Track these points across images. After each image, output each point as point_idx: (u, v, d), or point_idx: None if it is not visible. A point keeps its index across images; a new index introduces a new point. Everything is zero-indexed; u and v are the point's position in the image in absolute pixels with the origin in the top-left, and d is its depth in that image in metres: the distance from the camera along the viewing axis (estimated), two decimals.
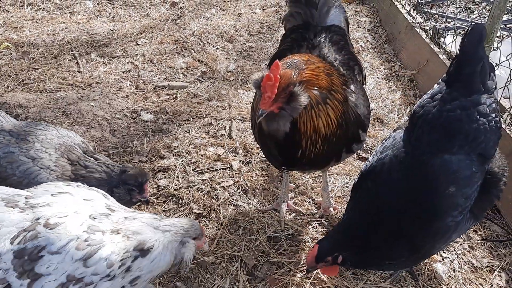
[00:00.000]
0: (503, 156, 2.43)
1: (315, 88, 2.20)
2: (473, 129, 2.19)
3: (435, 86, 2.41)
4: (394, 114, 4.15)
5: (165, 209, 3.04)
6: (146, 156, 3.50)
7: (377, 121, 4.09)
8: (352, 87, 2.47)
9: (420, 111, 2.34)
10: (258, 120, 2.06)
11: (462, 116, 2.20)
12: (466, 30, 2.29)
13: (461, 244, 2.88)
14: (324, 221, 3.03)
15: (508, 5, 3.53)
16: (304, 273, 2.62)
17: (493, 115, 2.25)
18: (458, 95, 2.24)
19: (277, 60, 2.02)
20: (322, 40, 2.61)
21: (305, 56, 2.27)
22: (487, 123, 2.21)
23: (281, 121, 2.14)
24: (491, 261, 2.79)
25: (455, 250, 2.84)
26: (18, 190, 1.98)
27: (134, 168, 2.57)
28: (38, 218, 1.82)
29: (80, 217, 1.88)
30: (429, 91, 2.43)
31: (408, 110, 4.16)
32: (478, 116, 2.20)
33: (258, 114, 2.05)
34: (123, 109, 4.02)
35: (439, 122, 2.22)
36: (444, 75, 2.41)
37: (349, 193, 3.24)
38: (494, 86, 2.32)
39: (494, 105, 2.26)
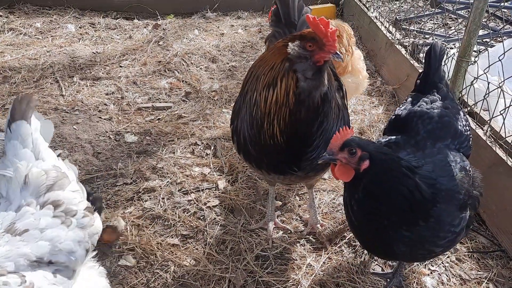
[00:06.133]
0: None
1: None
2: (457, 126, 2.40)
3: (407, 99, 2.63)
4: (377, 128, 4.19)
5: (151, 231, 3.00)
6: (131, 178, 3.46)
7: (359, 134, 4.13)
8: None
9: (404, 113, 2.52)
10: (344, 60, 2.27)
11: (447, 113, 2.42)
12: (429, 47, 2.60)
13: (448, 257, 2.89)
14: (312, 238, 3.02)
15: (483, 20, 3.62)
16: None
17: (464, 118, 2.50)
18: (435, 99, 2.49)
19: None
20: None
21: None
22: (463, 121, 2.45)
23: (326, 75, 2.29)
24: (479, 272, 2.79)
25: (443, 263, 2.85)
26: None
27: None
28: None
29: None
30: (403, 103, 2.65)
31: None
32: (457, 116, 2.43)
33: (340, 58, 2.16)
34: (106, 132, 3.99)
35: (431, 116, 2.40)
36: (412, 90, 2.69)
37: (336, 210, 3.25)
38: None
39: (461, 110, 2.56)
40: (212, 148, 3.87)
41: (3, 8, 6.62)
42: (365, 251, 2.88)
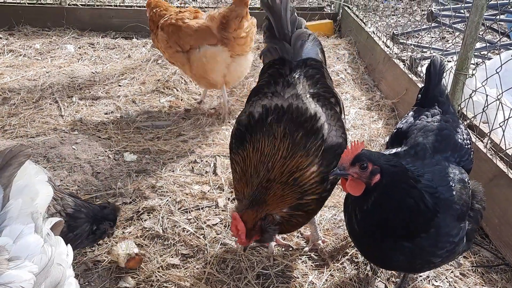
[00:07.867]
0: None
1: (284, 209, 2.31)
2: (457, 139, 2.42)
3: (409, 113, 2.66)
4: (377, 143, 4.18)
5: (151, 251, 2.96)
6: (130, 198, 3.43)
7: None
8: (325, 127, 2.48)
9: (405, 126, 2.54)
10: (245, 251, 2.39)
11: (447, 126, 2.44)
12: (429, 62, 2.66)
13: (452, 272, 2.85)
14: (313, 255, 2.98)
15: (480, 33, 3.63)
16: None
17: (465, 132, 2.51)
18: (436, 112, 2.52)
19: (234, 213, 2.21)
20: (297, 76, 2.68)
21: (265, 159, 2.37)
22: (464, 135, 2.47)
23: (267, 239, 2.36)
24: (483, 287, 2.75)
25: (446, 278, 2.81)
26: None
27: (111, 204, 2.70)
28: None
29: None
30: (404, 116, 2.68)
31: None
32: (458, 130, 2.46)
33: (241, 249, 2.34)
34: (105, 151, 3.98)
35: (431, 129, 2.43)
36: (414, 104, 2.72)
37: (338, 226, 3.22)
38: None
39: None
40: (211, 165, 3.85)
41: (3, 30, 6.68)
42: (368, 267, 2.84)
